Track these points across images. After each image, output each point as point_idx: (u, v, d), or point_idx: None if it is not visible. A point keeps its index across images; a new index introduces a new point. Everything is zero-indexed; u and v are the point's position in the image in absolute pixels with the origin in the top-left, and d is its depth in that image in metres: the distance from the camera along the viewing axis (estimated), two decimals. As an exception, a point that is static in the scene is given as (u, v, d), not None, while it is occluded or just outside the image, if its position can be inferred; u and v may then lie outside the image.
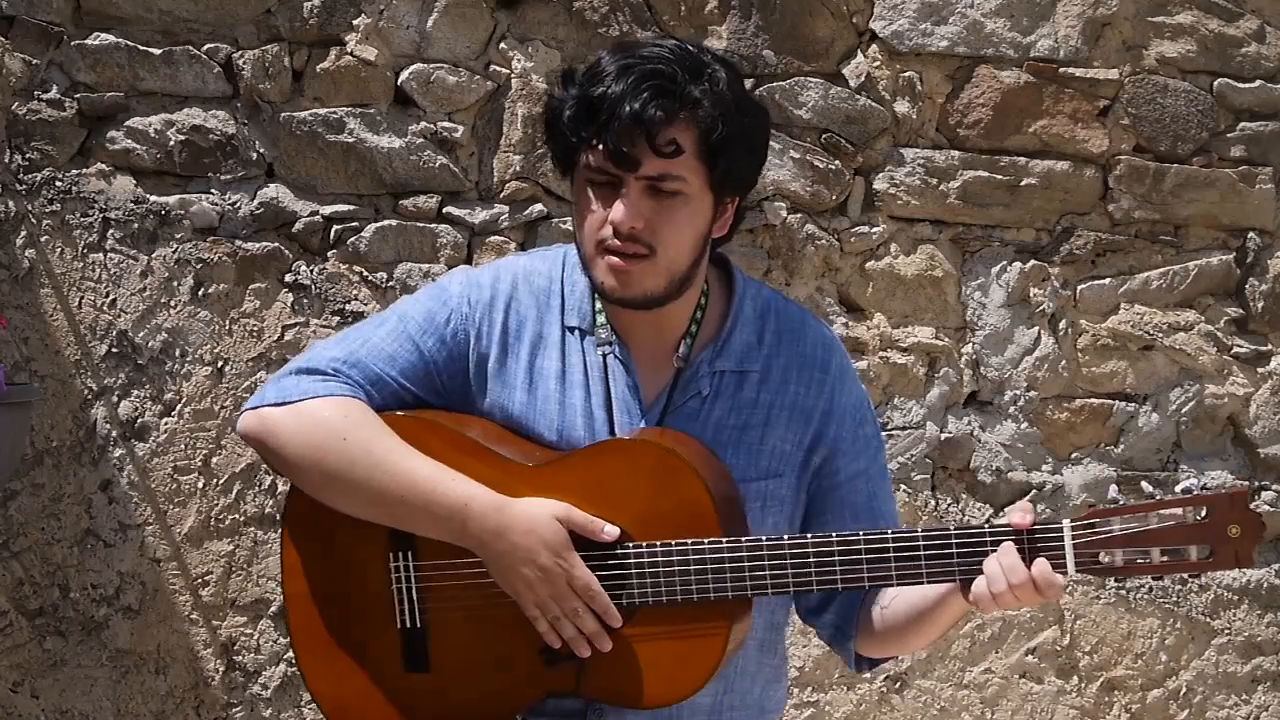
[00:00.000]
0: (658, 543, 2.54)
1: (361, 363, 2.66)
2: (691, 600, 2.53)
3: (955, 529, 2.54)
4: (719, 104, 2.55)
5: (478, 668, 2.60)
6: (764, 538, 2.54)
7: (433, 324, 2.68)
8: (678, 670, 2.54)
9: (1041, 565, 2.49)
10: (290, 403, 2.63)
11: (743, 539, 2.54)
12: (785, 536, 2.55)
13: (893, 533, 2.54)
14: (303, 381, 2.65)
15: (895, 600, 2.66)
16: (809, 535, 2.55)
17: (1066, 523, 2.51)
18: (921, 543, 2.53)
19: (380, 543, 2.64)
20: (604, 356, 2.67)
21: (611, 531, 2.54)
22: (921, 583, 2.55)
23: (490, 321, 2.68)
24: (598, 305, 2.68)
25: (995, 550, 2.51)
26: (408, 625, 2.63)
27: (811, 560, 2.54)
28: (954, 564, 2.53)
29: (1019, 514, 2.53)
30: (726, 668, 2.62)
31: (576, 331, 2.68)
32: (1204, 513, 2.49)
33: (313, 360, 2.68)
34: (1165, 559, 2.51)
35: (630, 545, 2.55)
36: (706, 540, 2.53)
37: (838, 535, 2.54)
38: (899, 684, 4.68)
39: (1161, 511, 2.51)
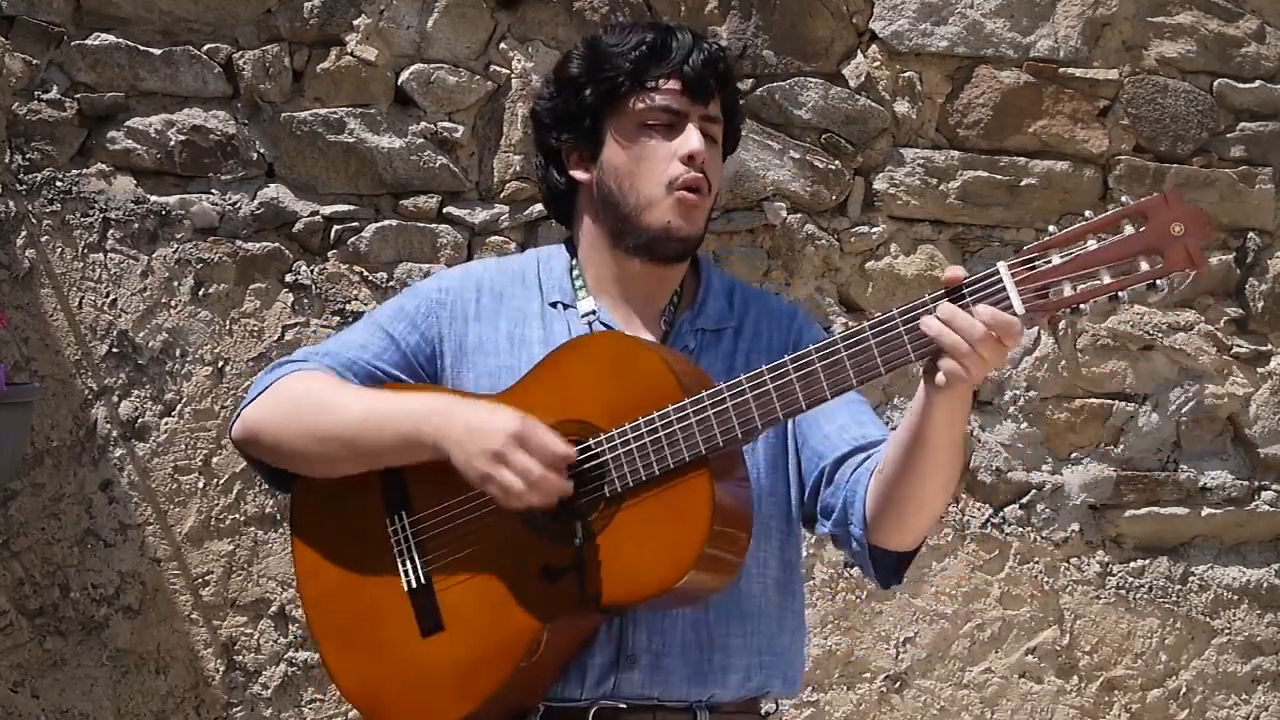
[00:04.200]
0: (626, 425, 2.54)
1: (334, 352, 2.74)
2: (668, 467, 2.52)
3: (898, 310, 2.48)
4: (730, 72, 2.77)
5: (487, 609, 2.59)
6: (723, 384, 2.53)
7: (402, 312, 2.76)
8: (675, 540, 2.50)
9: (985, 307, 2.41)
10: (262, 392, 2.72)
11: (703, 392, 2.52)
12: (741, 377, 2.53)
13: (843, 338, 2.50)
14: (274, 374, 2.74)
15: (887, 458, 2.59)
16: (764, 367, 2.52)
17: (1002, 265, 2.43)
18: (869, 331, 2.48)
19: (378, 516, 2.67)
20: (589, 325, 2.72)
21: (566, 451, 2.53)
22: (880, 374, 2.49)
23: (463, 300, 2.74)
24: (577, 282, 2.75)
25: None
26: (414, 585, 2.63)
27: (770, 387, 2.51)
28: (905, 344, 2.46)
29: (950, 272, 2.48)
30: (748, 604, 2.63)
31: (559, 305, 2.74)
32: (1142, 222, 2.39)
33: (286, 358, 2.77)
34: (1117, 278, 2.38)
35: (603, 437, 2.55)
36: (670, 405, 2.52)
37: (790, 357, 2.52)
38: (899, 684, 4.69)
39: (1100, 231, 2.40)
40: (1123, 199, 5.03)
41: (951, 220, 4.72)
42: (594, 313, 2.72)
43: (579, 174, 2.74)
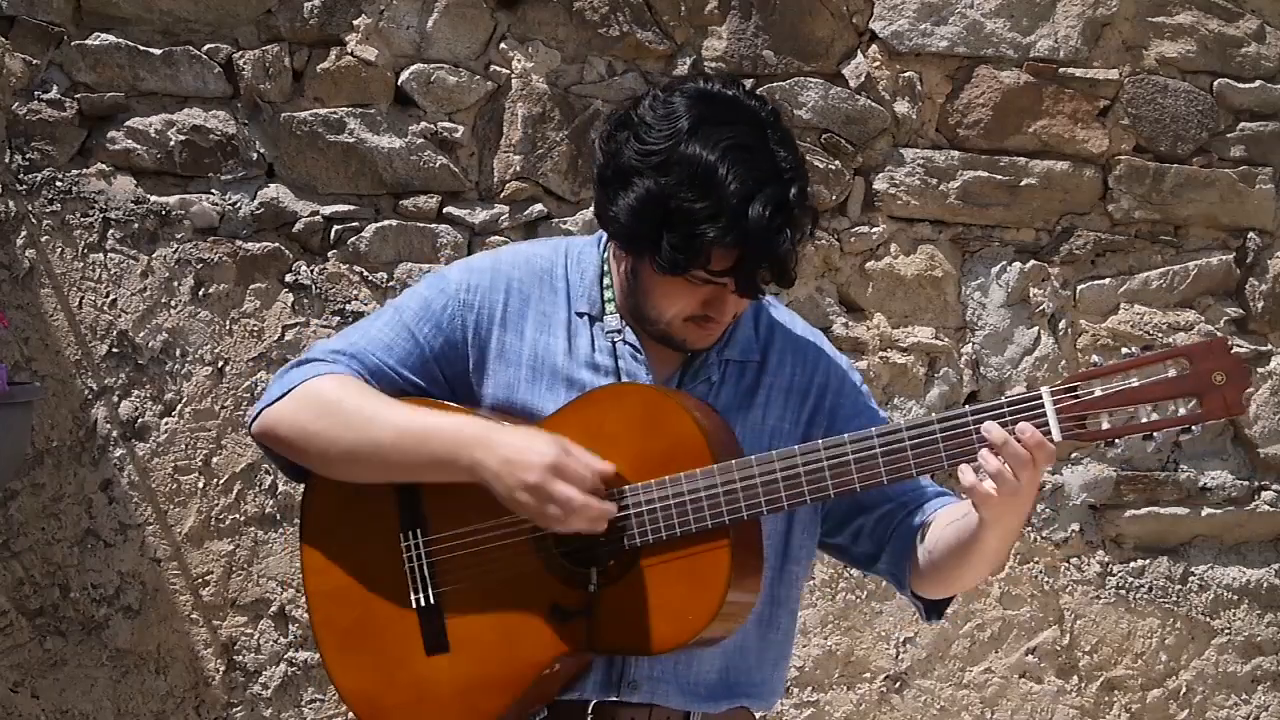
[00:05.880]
0: (651, 481, 2.56)
1: (361, 353, 2.70)
2: (690, 531, 2.54)
3: (938, 417, 2.52)
4: (811, 217, 2.61)
5: (493, 638, 2.61)
6: (753, 458, 2.55)
7: (429, 311, 2.71)
8: (686, 605, 2.54)
9: (1024, 425, 2.46)
10: (289, 392, 2.68)
11: (733, 462, 2.55)
12: (774, 454, 2.55)
13: (878, 432, 2.53)
14: (301, 371, 2.70)
15: (938, 542, 2.65)
16: (797, 448, 2.55)
17: (1045, 389, 2.48)
18: (906, 435, 2.51)
19: (392, 528, 2.67)
20: (614, 342, 2.70)
21: (606, 468, 2.54)
22: (911, 476, 2.53)
23: (490, 303, 2.71)
24: (606, 294, 2.71)
25: (978, 430, 2.49)
26: (423, 604, 2.65)
27: (802, 472, 2.54)
28: (940, 451, 2.51)
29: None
30: (729, 640, 2.63)
31: (585, 317, 2.71)
32: (1186, 365, 2.44)
33: (311, 353, 2.73)
34: (1154, 417, 2.45)
35: (626, 488, 2.56)
36: (699, 470, 2.54)
37: (823, 442, 2.54)
38: (899, 684, 4.69)
39: (1143, 369, 2.45)
40: (1122, 199, 5.03)
41: (951, 220, 4.72)
42: (620, 332, 2.70)
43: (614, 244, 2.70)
